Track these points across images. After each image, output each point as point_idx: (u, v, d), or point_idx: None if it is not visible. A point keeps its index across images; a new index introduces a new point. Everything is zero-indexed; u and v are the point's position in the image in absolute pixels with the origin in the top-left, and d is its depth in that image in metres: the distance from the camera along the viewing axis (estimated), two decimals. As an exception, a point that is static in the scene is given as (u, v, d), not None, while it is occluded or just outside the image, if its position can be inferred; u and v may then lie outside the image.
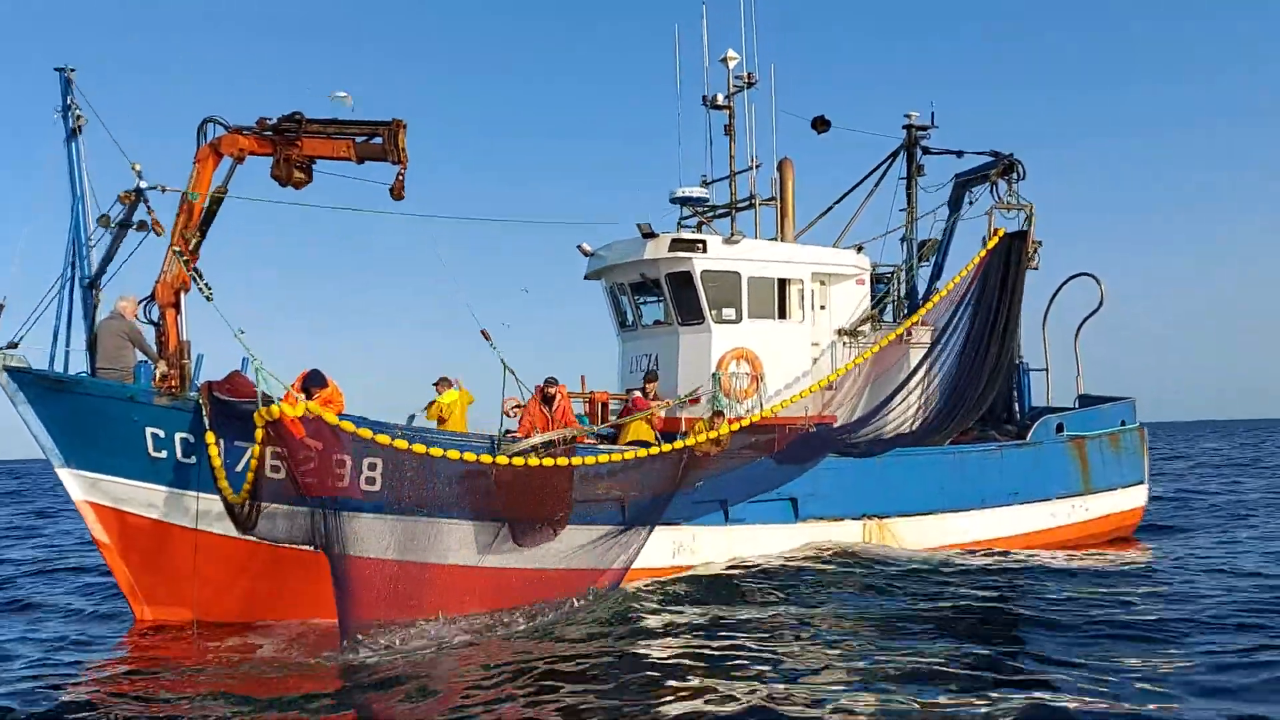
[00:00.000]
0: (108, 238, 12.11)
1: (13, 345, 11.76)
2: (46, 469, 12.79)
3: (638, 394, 15.17)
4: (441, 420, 13.71)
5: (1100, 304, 19.87)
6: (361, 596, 11.13)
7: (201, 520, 11.90)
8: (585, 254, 17.34)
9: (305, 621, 12.32)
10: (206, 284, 11.70)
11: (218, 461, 11.25)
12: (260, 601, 12.46)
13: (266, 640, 11.71)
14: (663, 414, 14.88)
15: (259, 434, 10.97)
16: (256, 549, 12.12)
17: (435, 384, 14.13)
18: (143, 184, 11.83)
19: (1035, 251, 18.16)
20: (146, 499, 12.05)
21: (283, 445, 11.05)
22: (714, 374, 15.65)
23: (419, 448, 11.50)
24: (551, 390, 13.41)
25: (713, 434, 13.56)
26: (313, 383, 11.38)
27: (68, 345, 12.28)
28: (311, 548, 11.46)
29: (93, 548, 13.99)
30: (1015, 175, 18.54)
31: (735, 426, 13.97)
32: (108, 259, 12.20)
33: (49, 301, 11.96)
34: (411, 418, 13.48)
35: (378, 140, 12.16)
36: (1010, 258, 17.82)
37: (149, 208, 11.83)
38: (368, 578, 11.31)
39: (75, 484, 12.02)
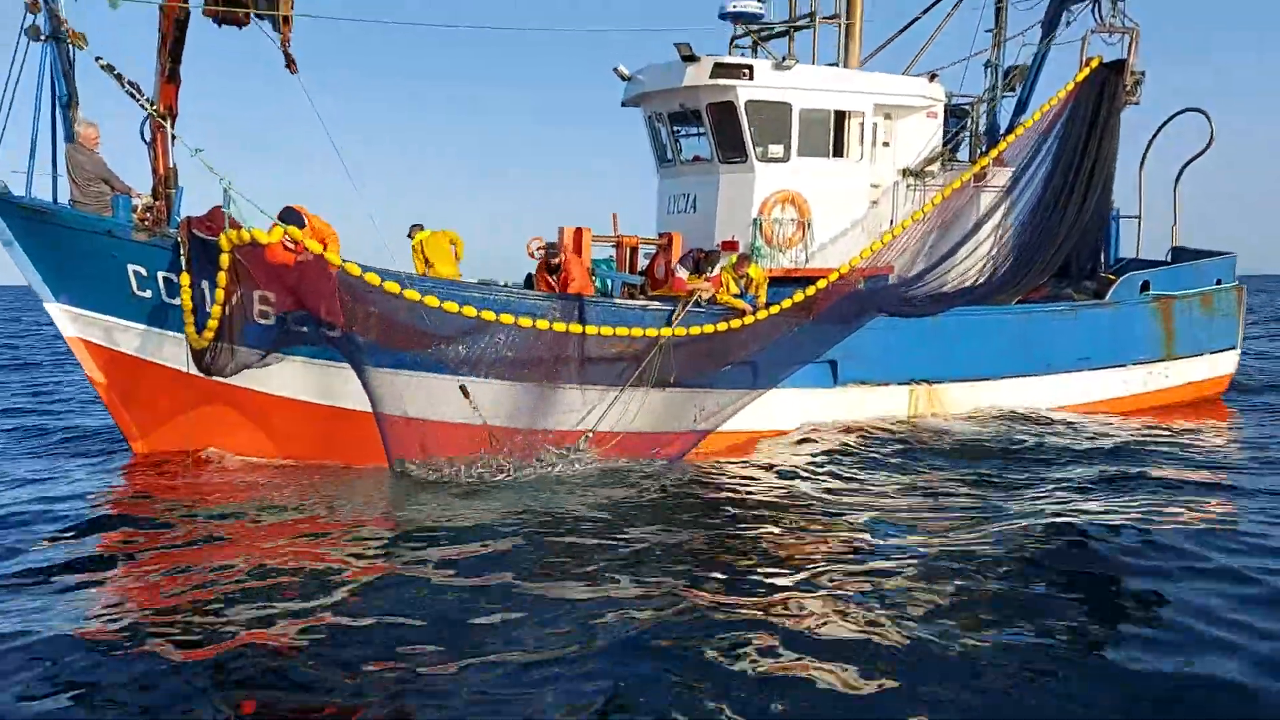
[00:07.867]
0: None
1: (-12, 171, 10.97)
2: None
3: (681, 275, 12.95)
4: (428, 263, 12.67)
5: (1209, 144, 17.62)
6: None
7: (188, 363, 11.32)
8: (622, 78, 15.58)
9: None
10: (155, 107, 10.75)
11: (188, 304, 10.59)
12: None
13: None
14: (705, 298, 12.72)
15: (224, 259, 10.24)
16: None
17: (409, 235, 13.01)
18: None
19: (1137, 85, 15.81)
20: (134, 338, 11.51)
21: (264, 276, 10.37)
22: (755, 219, 14.20)
23: (470, 310, 10.80)
24: (555, 260, 12.54)
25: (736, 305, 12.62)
26: (289, 222, 10.36)
27: (55, 173, 11.47)
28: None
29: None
30: (1122, -7, 16.00)
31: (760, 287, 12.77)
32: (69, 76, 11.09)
33: (19, 121, 11.00)
34: None
35: None
36: (1104, 92, 15.54)
37: (59, 16, 10.49)
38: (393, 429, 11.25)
39: (65, 320, 11.50)
